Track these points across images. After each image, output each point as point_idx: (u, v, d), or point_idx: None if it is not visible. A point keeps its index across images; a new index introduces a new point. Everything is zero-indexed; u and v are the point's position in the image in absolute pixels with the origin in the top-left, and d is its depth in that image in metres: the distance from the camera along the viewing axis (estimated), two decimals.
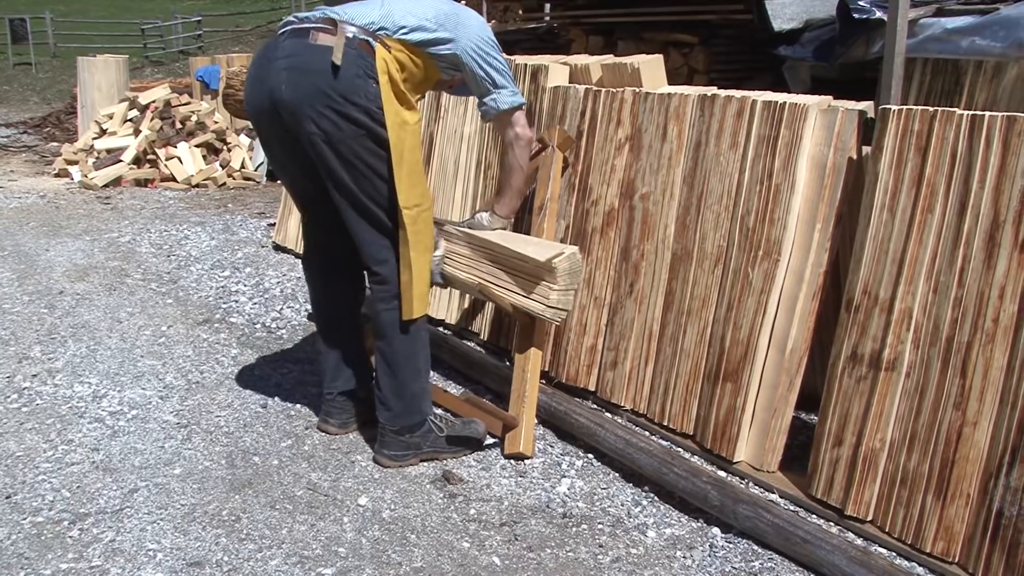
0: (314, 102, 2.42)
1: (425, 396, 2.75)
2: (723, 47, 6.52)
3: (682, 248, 2.85)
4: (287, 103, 2.45)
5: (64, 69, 19.65)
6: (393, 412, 2.68)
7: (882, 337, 2.32)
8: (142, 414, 3.04)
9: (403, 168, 2.49)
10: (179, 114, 7.92)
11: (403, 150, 2.48)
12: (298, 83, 2.43)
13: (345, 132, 2.44)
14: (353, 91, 2.42)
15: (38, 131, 11.56)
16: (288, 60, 2.46)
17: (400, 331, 2.63)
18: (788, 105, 2.56)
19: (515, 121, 2.74)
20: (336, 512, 2.47)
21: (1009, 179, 2.08)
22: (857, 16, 4.28)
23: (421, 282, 2.61)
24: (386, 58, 2.45)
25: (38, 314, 4.06)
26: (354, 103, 2.42)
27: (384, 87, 2.44)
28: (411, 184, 2.52)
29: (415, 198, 2.54)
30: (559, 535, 2.39)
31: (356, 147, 2.46)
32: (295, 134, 2.49)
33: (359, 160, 2.48)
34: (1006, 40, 3.68)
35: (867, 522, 2.37)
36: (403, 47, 2.51)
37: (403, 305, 2.60)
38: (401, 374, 2.66)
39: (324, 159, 2.48)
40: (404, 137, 2.48)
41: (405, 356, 2.66)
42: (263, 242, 5.54)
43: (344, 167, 2.48)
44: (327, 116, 2.42)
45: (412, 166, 2.52)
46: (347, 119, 2.43)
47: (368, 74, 2.42)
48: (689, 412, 2.81)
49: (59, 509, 2.45)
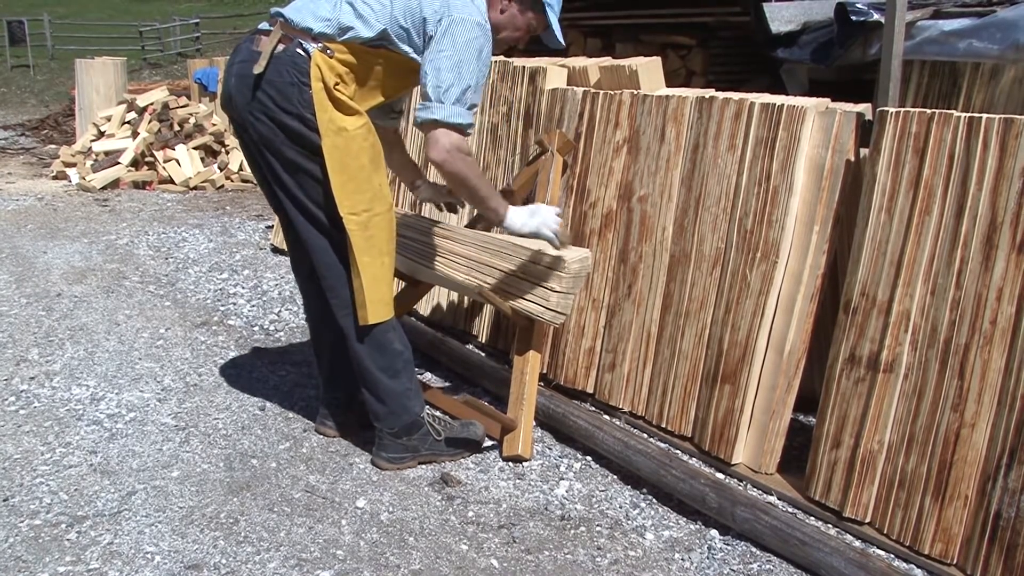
0: (252, 108, 2.44)
1: (410, 395, 2.70)
2: (721, 49, 6.53)
3: (680, 250, 2.85)
4: (236, 108, 2.49)
5: (62, 71, 19.65)
6: (379, 415, 2.68)
7: (880, 339, 2.32)
8: (140, 416, 3.03)
9: (344, 175, 2.43)
10: (177, 116, 7.92)
11: (342, 157, 2.43)
12: (241, 89, 2.46)
13: (279, 137, 2.44)
14: (285, 98, 2.40)
15: (36, 133, 11.56)
16: (238, 66, 2.48)
17: (360, 336, 2.60)
18: (786, 107, 2.57)
19: (433, 139, 2.43)
20: (334, 514, 2.46)
21: (1007, 181, 2.09)
22: (855, 18, 4.28)
23: (378, 287, 2.54)
24: (321, 64, 2.39)
25: (36, 316, 4.06)
26: (286, 110, 2.41)
27: (317, 93, 2.39)
28: (355, 190, 2.46)
29: (363, 203, 2.47)
30: (557, 537, 2.39)
31: (292, 153, 2.45)
32: (246, 138, 2.53)
33: (297, 166, 2.47)
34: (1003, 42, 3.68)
35: (865, 524, 2.37)
36: (351, 50, 2.43)
37: (356, 310, 2.56)
38: (373, 377, 2.64)
39: (269, 164, 2.50)
40: (341, 144, 2.42)
41: (371, 359, 2.62)
42: (261, 244, 5.54)
43: (286, 172, 2.49)
44: (264, 122, 2.44)
45: (355, 172, 2.46)
46: (280, 126, 2.43)
47: (301, 80, 2.39)
48: (687, 414, 2.81)
49: (57, 512, 2.44)
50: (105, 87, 8.99)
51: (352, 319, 2.59)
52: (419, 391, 2.76)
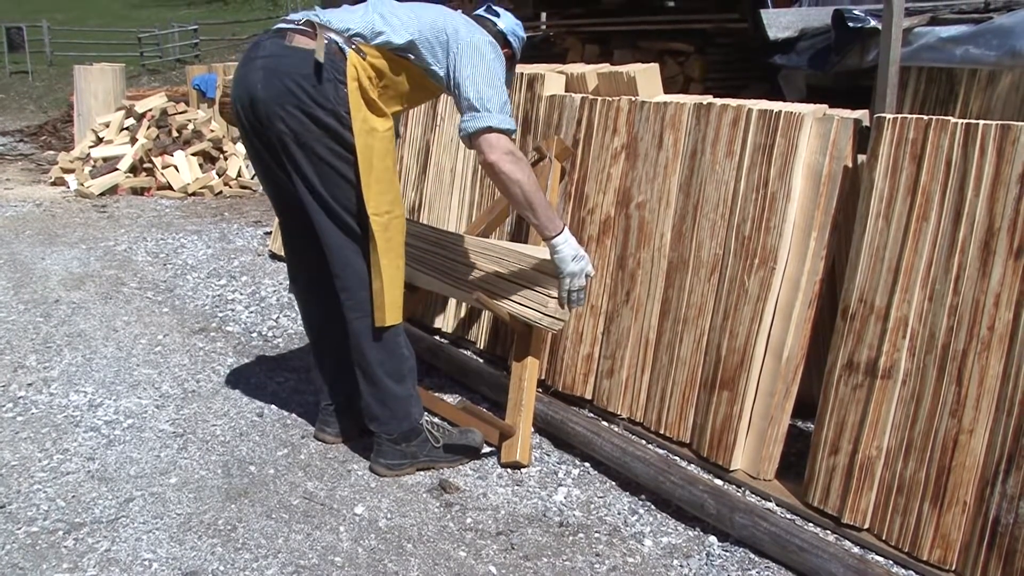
0: (284, 101, 2.44)
1: (412, 401, 2.72)
2: (719, 56, 6.55)
3: (678, 256, 2.86)
4: (261, 101, 2.48)
5: (60, 77, 19.66)
6: (380, 420, 2.68)
7: (878, 345, 2.32)
8: (138, 423, 3.03)
9: (372, 174, 2.49)
10: (176, 122, 7.92)
11: (371, 156, 2.48)
12: (271, 82, 2.46)
13: (312, 133, 2.46)
14: (322, 93, 2.43)
15: (34, 139, 11.55)
16: (265, 60, 2.49)
17: (372, 339, 2.61)
18: (784, 114, 2.57)
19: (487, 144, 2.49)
20: (332, 521, 2.46)
21: (1004, 187, 2.09)
22: (852, 25, 4.29)
23: (393, 289, 2.57)
24: (357, 64, 2.45)
25: (34, 323, 4.05)
26: (321, 105, 2.44)
27: (352, 92, 2.44)
28: (380, 191, 2.51)
29: (385, 205, 2.52)
30: (556, 544, 2.38)
31: (322, 149, 2.47)
32: (269, 133, 2.52)
33: (326, 162, 2.49)
34: (1000, 49, 3.69)
35: (864, 530, 2.37)
36: (381, 54, 2.50)
37: (375, 312, 2.57)
38: (380, 381, 2.65)
39: (294, 159, 2.51)
40: (372, 143, 2.48)
41: (379, 363, 2.63)
42: (259, 251, 5.54)
43: (312, 168, 2.50)
44: (295, 115, 2.45)
45: (381, 173, 2.51)
46: (313, 120, 2.45)
47: (338, 78, 2.44)
48: (685, 420, 2.81)
49: (54, 519, 2.44)
50: (104, 93, 8.99)
51: (365, 321, 2.59)
52: (419, 398, 2.77)
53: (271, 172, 2.64)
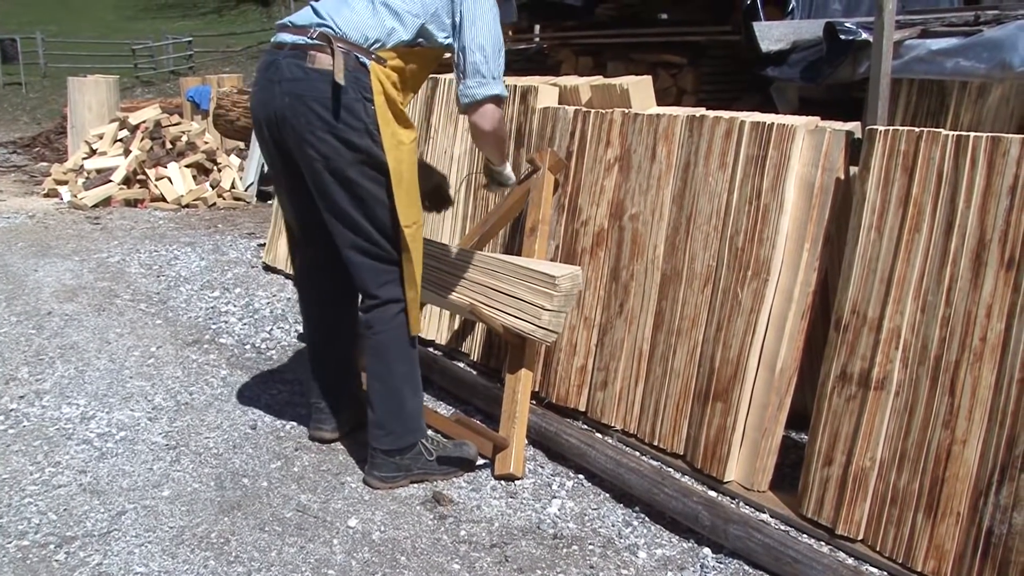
0: (314, 128, 2.41)
1: (421, 415, 2.74)
2: (711, 68, 6.57)
3: (671, 268, 2.86)
4: (291, 128, 2.45)
5: (54, 89, 19.64)
6: (394, 435, 2.65)
7: (871, 356, 2.33)
8: (130, 435, 3.02)
9: (402, 187, 2.49)
10: (169, 134, 7.91)
11: (401, 170, 2.48)
12: (298, 108, 2.42)
13: (345, 157, 2.43)
14: (353, 115, 2.40)
15: (28, 151, 11.51)
16: (290, 85, 2.43)
17: (402, 351, 2.62)
18: (776, 126, 2.58)
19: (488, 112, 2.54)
20: (326, 534, 2.45)
21: (995, 198, 2.10)
22: (843, 37, 4.31)
23: (418, 300, 2.62)
24: (380, 76, 2.42)
25: (26, 335, 4.04)
26: (353, 127, 2.41)
27: (380, 108, 2.42)
28: (409, 203, 2.52)
29: (413, 216, 2.54)
30: (550, 556, 2.38)
31: (354, 174, 2.45)
32: (296, 157, 2.50)
33: (359, 187, 2.47)
34: (990, 61, 3.71)
35: (858, 541, 2.36)
36: (398, 54, 2.47)
37: (411, 322, 2.60)
38: (400, 395, 2.65)
39: (323, 184, 2.47)
40: (401, 157, 2.47)
41: (403, 376, 2.65)
42: (253, 262, 5.53)
43: (344, 192, 2.47)
44: (327, 141, 2.41)
45: (410, 184, 2.52)
46: (346, 144, 2.42)
47: (364, 95, 2.41)
48: (679, 432, 2.81)
49: (45, 532, 2.43)
50: (97, 105, 8.99)
51: (398, 332, 2.60)
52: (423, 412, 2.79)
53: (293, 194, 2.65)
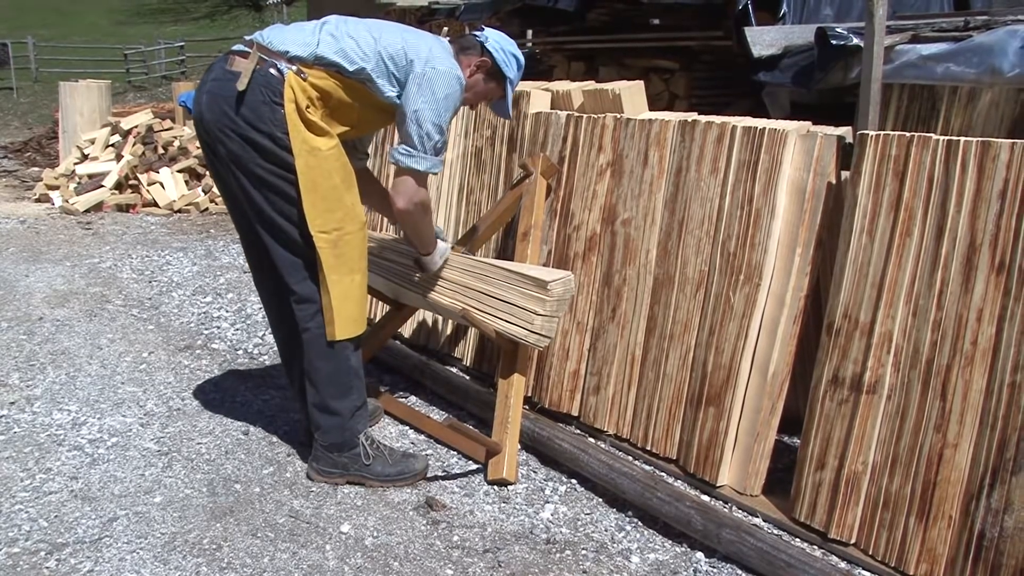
0: (223, 125, 2.50)
1: (357, 417, 2.74)
2: (704, 73, 6.59)
3: (664, 273, 2.87)
4: (206, 124, 2.55)
5: (46, 94, 19.60)
6: (321, 428, 2.72)
7: (863, 360, 2.34)
8: (122, 441, 3.01)
9: (317, 193, 2.51)
10: (161, 139, 7.90)
11: (314, 176, 2.50)
12: (213, 107, 2.52)
13: (249, 155, 2.50)
14: (256, 116, 2.47)
15: (19, 156, 11.48)
16: (210, 84, 2.55)
17: (321, 350, 2.65)
18: (768, 131, 2.59)
19: (402, 186, 2.60)
20: (318, 540, 2.45)
21: (985, 203, 2.11)
22: (835, 42, 4.34)
23: (348, 304, 2.61)
24: (295, 86, 2.47)
25: (17, 341, 4.02)
26: (256, 128, 2.47)
27: (290, 114, 2.46)
28: (327, 208, 2.53)
29: (334, 223, 2.54)
30: (543, 561, 2.38)
31: (260, 171, 2.51)
32: (220, 154, 2.56)
33: (267, 183, 2.52)
34: (980, 66, 3.74)
35: (850, 545, 2.37)
36: (330, 76, 2.51)
37: (326, 326, 2.62)
38: (323, 392, 2.69)
39: (238, 180, 2.55)
40: (314, 163, 2.50)
41: (327, 375, 2.67)
42: (245, 268, 5.52)
43: (255, 188, 2.54)
44: (234, 139, 2.49)
45: (328, 191, 2.53)
46: (249, 142, 2.49)
47: (274, 100, 2.46)
48: (672, 436, 2.82)
49: (36, 539, 2.41)
50: (89, 110, 8.96)
51: (315, 333, 2.64)
52: (365, 413, 2.79)
53: (225, 193, 2.70)
